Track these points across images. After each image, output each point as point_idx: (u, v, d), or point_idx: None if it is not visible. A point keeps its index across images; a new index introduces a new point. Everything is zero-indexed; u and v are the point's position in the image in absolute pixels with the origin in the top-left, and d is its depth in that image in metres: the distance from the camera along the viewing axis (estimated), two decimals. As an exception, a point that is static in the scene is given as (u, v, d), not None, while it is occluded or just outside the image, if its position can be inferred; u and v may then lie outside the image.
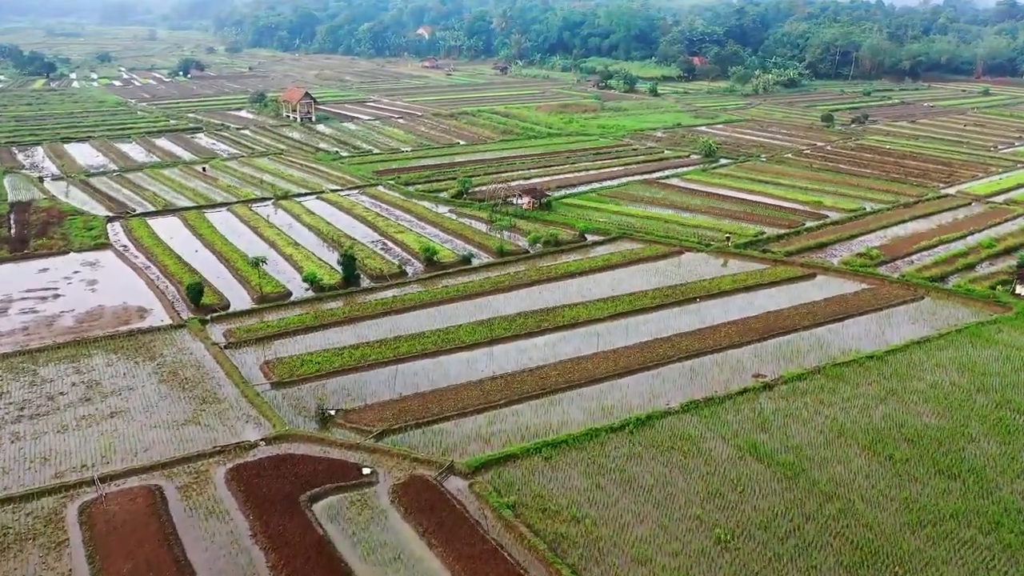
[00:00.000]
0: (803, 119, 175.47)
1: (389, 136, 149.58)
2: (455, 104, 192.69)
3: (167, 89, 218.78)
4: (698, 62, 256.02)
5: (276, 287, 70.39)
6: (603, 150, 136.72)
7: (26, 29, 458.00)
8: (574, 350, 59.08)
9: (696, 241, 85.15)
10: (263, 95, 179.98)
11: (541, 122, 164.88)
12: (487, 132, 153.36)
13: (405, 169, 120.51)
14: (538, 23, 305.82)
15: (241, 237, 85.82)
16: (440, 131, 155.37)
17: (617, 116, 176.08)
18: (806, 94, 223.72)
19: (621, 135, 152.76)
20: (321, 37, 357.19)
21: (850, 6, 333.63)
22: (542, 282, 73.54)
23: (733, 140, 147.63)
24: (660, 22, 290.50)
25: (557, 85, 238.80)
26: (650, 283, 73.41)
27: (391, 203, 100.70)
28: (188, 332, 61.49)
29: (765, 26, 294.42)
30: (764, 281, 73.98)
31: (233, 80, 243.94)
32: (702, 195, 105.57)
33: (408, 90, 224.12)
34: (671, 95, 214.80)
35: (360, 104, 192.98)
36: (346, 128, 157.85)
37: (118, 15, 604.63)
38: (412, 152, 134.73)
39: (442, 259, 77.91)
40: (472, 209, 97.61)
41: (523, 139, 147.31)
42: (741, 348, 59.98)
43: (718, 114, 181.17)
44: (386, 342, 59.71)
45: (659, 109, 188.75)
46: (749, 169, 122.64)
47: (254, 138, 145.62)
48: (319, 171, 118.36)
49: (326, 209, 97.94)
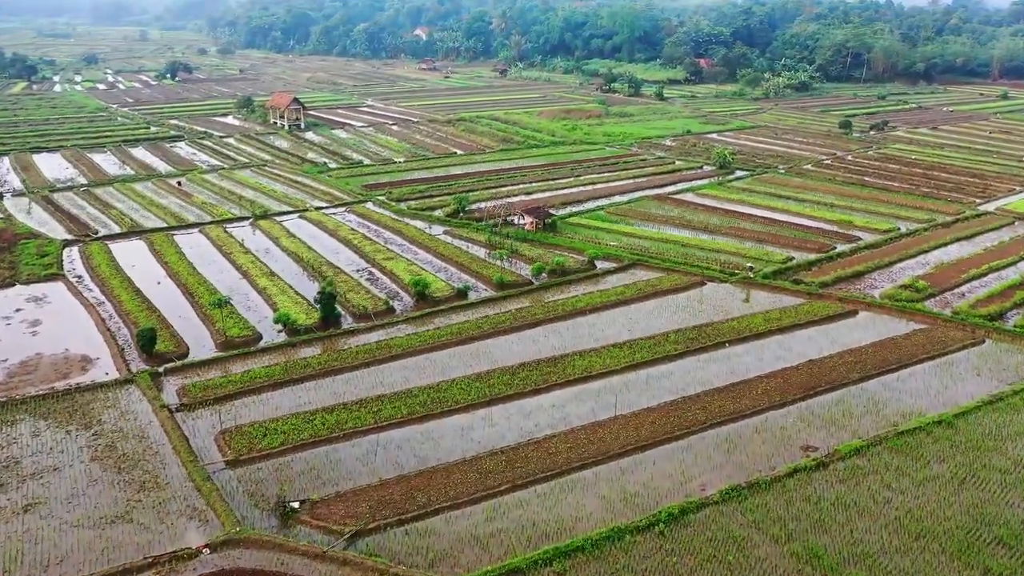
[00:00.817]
0: (819, 125, 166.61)
1: (382, 145, 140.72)
2: (452, 109, 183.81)
3: (152, 93, 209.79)
4: (705, 64, 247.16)
5: (244, 329, 61.49)
6: (610, 161, 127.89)
7: (17, 30, 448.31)
8: (587, 413, 50.20)
9: (718, 269, 76.29)
10: (250, 100, 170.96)
11: (543, 129, 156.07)
12: (486, 140, 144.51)
13: (397, 183, 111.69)
14: (538, 24, 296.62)
15: (211, 265, 76.93)
16: (436, 139, 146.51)
17: (623, 122, 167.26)
18: (818, 98, 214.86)
19: (628, 144, 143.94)
20: (315, 38, 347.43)
21: (859, 6, 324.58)
22: (548, 322, 64.64)
23: (747, 149, 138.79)
24: (664, 23, 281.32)
25: (559, 88, 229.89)
26: (670, 322, 64.58)
27: (380, 223, 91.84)
28: (136, 389, 52.60)
29: (772, 27, 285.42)
30: (800, 320, 65.12)
31: (222, 83, 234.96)
32: (720, 213, 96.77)
33: (404, 94, 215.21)
34: (678, 99, 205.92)
35: (353, 109, 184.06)
36: (336, 136, 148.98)
37: (111, 15, 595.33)
38: (405, 163, 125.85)
39: (435, 293, 69.06)
40: (469, 230, 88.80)
41: (524, 148, 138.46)
42: (783, 409, 51.10)
43: (728, 120, 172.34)
44: (367, 403, 50.83)
45: (666, 114, 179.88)
46: (768, 182, 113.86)
47: (237, 148, 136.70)
48: (304, 185, 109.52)
49: (309, 230, 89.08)
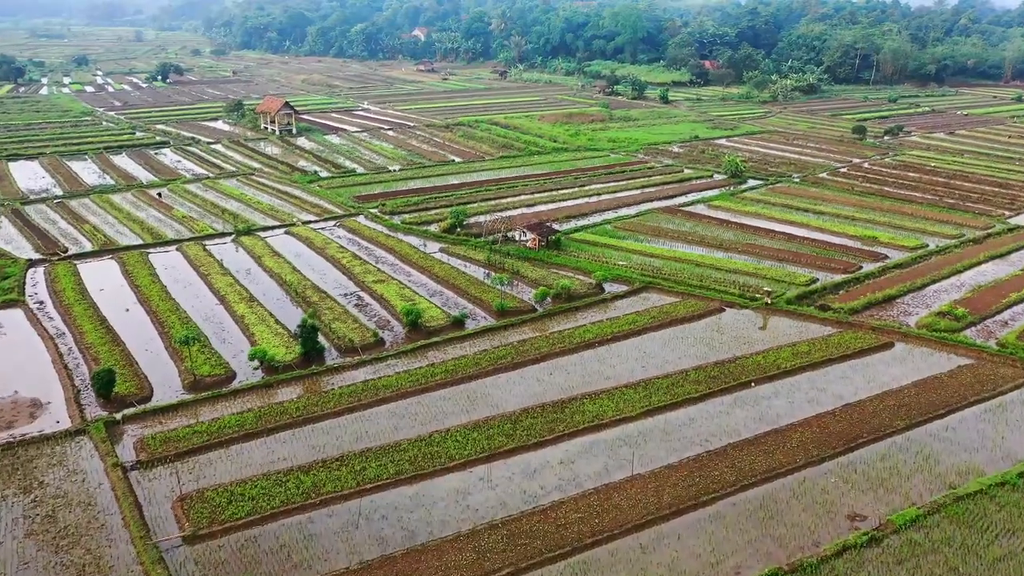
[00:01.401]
0: (831, 130, 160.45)
1: (376, 151, 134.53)
2: (450, 113, 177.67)
3: (141, 96, 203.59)
4: (710, 66, 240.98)
5: (216, 366, 55.33)
6: (615, 169, 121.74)
7: (9, 30, 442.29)
8: (600, 472, 44.10)
9: (737, 293, 70.21)
10: (241, 104, 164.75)
11: (544, 134, 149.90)
12: (485, 147, 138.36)
13: (391, 194, 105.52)
14: (539, 24, 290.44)
15: (186, 289, 70.82)
16: (433, 145, 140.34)
17: (627, 127, 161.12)
18: (827, 101, 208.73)
19: (634, 150, 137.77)
20: (312, 39, 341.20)
21: (866, 6, 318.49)
22: (553, 356, 58.50)
23: (758, 156, 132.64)
24: (668, 23, 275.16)
25: (560, 91, 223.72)
26: (689, 357, 58.45)
27: (372, 239, 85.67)
28: (89, 441, 46.52)
29: (778, 27, 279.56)
30: (832, 354, 58.94)
31: (214, 86, 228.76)
32: (735, 228, 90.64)
33: (400, 97, 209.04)
34: (683, 102, 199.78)
35: (347, 113, 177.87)
36: (329, 142, 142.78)
37: (107, 15, 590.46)
38: (400, 172, 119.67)
39: (428, 322, 62.90)
40: (467, 248, 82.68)
41: (525, 155, 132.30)
42: (822, 465, 45.04)
43: (737, 124, 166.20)
44: (349, 460, 44.72)
45: (672, 119, 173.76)
46: (783, 193, 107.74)
47: (225, 155, 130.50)
48: (292, 197, 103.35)
49: (295, 248, 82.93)
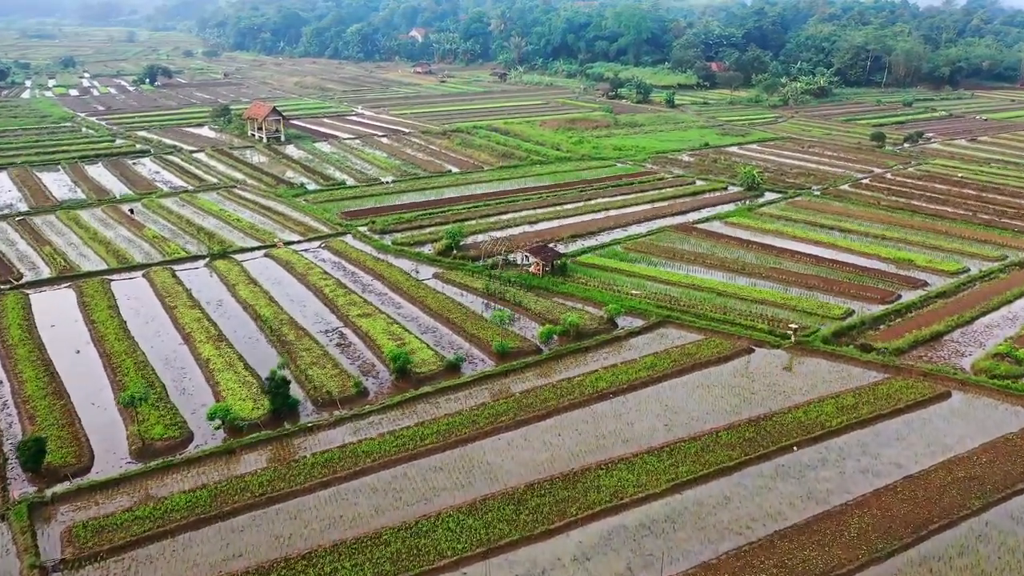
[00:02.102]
0: (847, 137, 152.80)
1: (369, 161, 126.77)
2: (448, 118, 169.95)
3: (126, 100, 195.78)
4: (716, 68, 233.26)
5: (171, 426, 47.63)
6: (623, 181, 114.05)
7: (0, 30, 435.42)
8: (622, 573, 36.44)
9: (766, 329, 62.56)
10: (227, 110, 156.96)
11: (546, 141, 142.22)
12: (484, 156, 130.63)
13: (383, 209, 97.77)
14: (539, 25, 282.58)
15: (148, 325, 63.15)
16: (429, 154, 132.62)
17: (633, 133, 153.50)
18: (839, 105, 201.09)
19: (641, 159, 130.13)
20: (306, 40, 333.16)
21: (874, 6, 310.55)
22: (562, 410, 50.77)
23: (774, 165, 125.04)
24: (672, 24, 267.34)
25: (562, 94, 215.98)
26: (718, 411, 50.77)
27: (359, 263, 77.96)
28: (8, 531, 38.83)
29: (785, 28, 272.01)
30: (881, 407, 51.18)
31: (204, 89, 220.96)
32: (756, 248, 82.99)
33: (396, 100, 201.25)
34: (690, 106, 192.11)
35: (340, 119, 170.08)
36: (319, 150, 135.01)
37: (101, 15, 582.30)
38: (393, 184, 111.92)
39: (419, 368, 55.22)
40: (464, 273, 75.02)
41: (526, 165, 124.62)
42: (889, 562, 37.41)
43: (748, 130, 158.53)
44: (318, 558, 36.92)
45: (680, 124, 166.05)
46: (804, 208, 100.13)
47: (207, 165, 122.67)
48: (275, 213, 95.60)
49: (274, 273, 75.25)
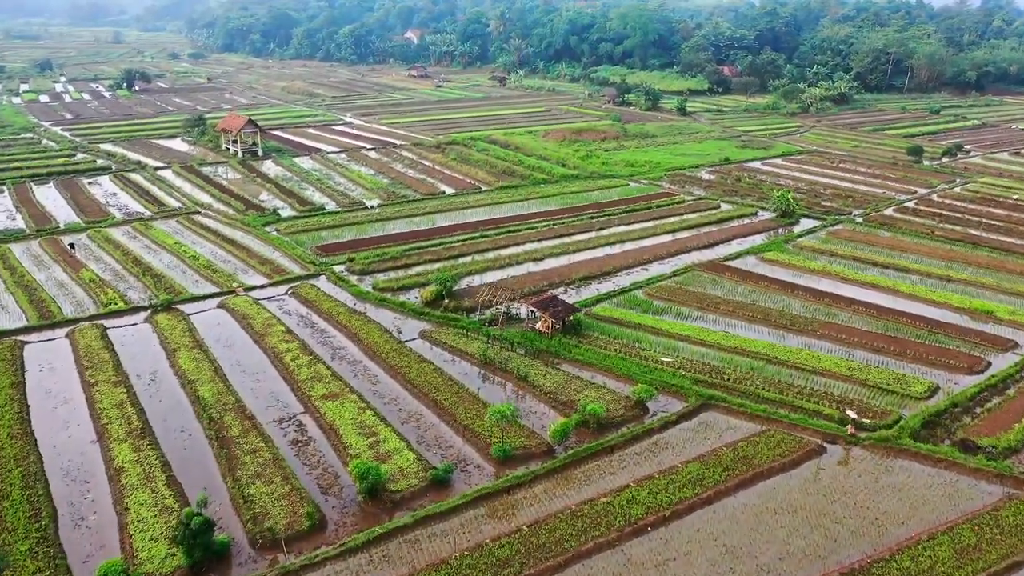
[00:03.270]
0: (879, 150, 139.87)
1: (353, 180, 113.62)
2: (443, 127, 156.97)
3: (98, 107, 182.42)
4: (729, 72, 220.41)
5: (48, 589, 34.72)
6: (639, 204, 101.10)
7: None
8: None
9: (836, 415, 49.63)
10: (202, 120, 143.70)
11: (550, 156, 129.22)
12: (481, 173, 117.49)
13: (365, 242, 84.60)
14: (541, 26, 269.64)
15: (57, 410, 50.08)
16: (421, 171, 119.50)
17: (645, 146, 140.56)
18: (861, 112, 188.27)
19: (656, 176, 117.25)
20: (297, 41, 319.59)
21: (889, 6, 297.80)
22: (584, 555, 37.74)
23: (804, 185, 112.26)
24: (680, 25, 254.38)
25: (565, 100, 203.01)
26: (795, 557, 37.73)
27: (331, 317, 64.92)
28: None
29: (797, 29, 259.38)
30: (1014, 549, 38.22)
31: (184, 95, 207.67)
32: (803, 294, 70.09)
33: (388, 108, 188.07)
34: (703, 114, 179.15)
35: (326, 128, 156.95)
36: (299, 166, 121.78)
37: (90, 16, 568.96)
38: (379, 209, 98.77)
39: (395, 485, 42.23)
40: (456, 333, 62.03)
41: (529, 185, 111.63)
42: None
43: (769, 142, 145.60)
44: None
45: (694, 135, 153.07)
46: (848, 239, 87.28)
47: (171, 185, 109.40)
48: (239, 248, 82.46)
49: (227, 331, 62.26)
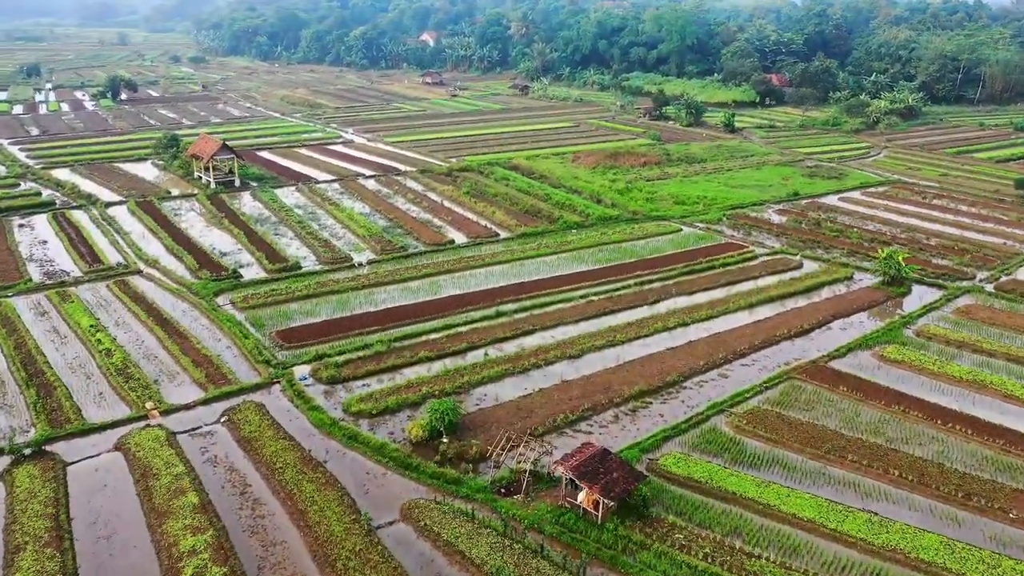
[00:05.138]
0: (974, 179, 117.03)
1: (343, 221, 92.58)
2: (456, 147, 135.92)
3: (72, 121, 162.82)
4: (777, 81, 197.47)
5: None
6: (698, 261, 79.23)
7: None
8: None
9: None
10: (175, 141, 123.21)
11: (583, 188, 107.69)
12: (500, 214, 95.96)
13: (343, 324, 63.46)
14: (567, 29, 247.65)
15: None
16: (426, 209, 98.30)
17: (693, 174, 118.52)
18: (933, 128, 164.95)
19: (714, 218, 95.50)
20: (305, 44, 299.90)
21: (945, 7, 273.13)
22: None
23: (899, 230, 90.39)
24: (720, 28, 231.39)
25: (594, 111, 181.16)
26: None
27: (272, 474, 43.76)
28: None
29: (848, 32, 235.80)
30: None
31: (172, 105, 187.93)
32: (961, 430, 48.48)
33: (396, 122, 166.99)
34: (754, 131, 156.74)
35: (322, 149, 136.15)
36: (281, 201, 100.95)
37: (98, 16, 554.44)
38: (369, 268, 77.69)
39: None
40: (456, 514, 40.72)
41: (558, 231, 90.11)
42: None
43: (841, 169, 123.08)
44: None
45: (748, 158, 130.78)
46: (988, 322, 65.23)
47: (120, 228, 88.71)
48: (175, 334, 61.44)
49: (107, 504, 41.41)
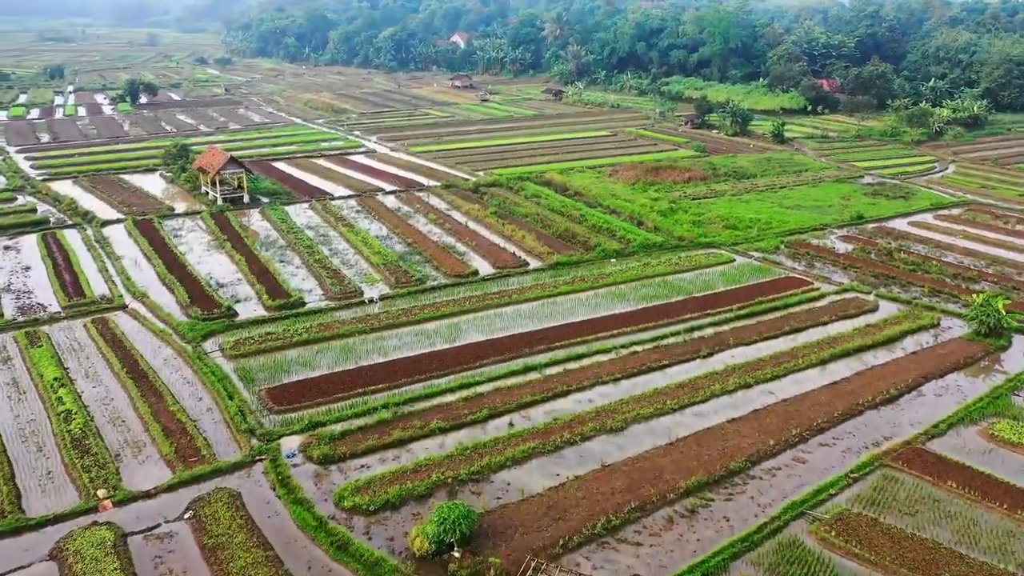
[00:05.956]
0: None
1: (357, 246, 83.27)
2: (484, 158, 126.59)
3: (87, 126, 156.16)
4: (828, 87, 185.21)
5: None
6: (756, 299, 68.62)
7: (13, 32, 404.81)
8: None
9: None
10: (185, 151, 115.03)
11: (621, 208, 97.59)
12: (531, 239, 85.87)
13: (344, 379, 53.88)
14: (603, 30, 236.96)
15: None
16: (448, 231, 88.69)
17: (743, 191, 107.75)
18: (1002, 140, 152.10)
19: (771, 245, 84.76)
20: (334, 45, 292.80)
21: (1004, 7, 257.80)
22: None
23: (985, 262, 79.02)
24: (766, 30, 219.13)
25: (633, 119, 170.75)
26: None
27: (238, 600, 34.53)
28: None
29: (902, 34, 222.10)
30: None
31: (192, 110, 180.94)
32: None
33: (421, 129, 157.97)
34: (805, 142, 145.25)
35: (341, 159, 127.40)
36: (292, 221, 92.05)
37: (133, 16, 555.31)
38: (380, 306, 68.22)
39: None
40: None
41: (595, 261, 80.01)
42: None
43: (906, 186, 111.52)
44: None
45: (802, 173, 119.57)
46: (1119, 389, 53.89)
47: (113, 252, 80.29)
48: (150, 392, 52.27)
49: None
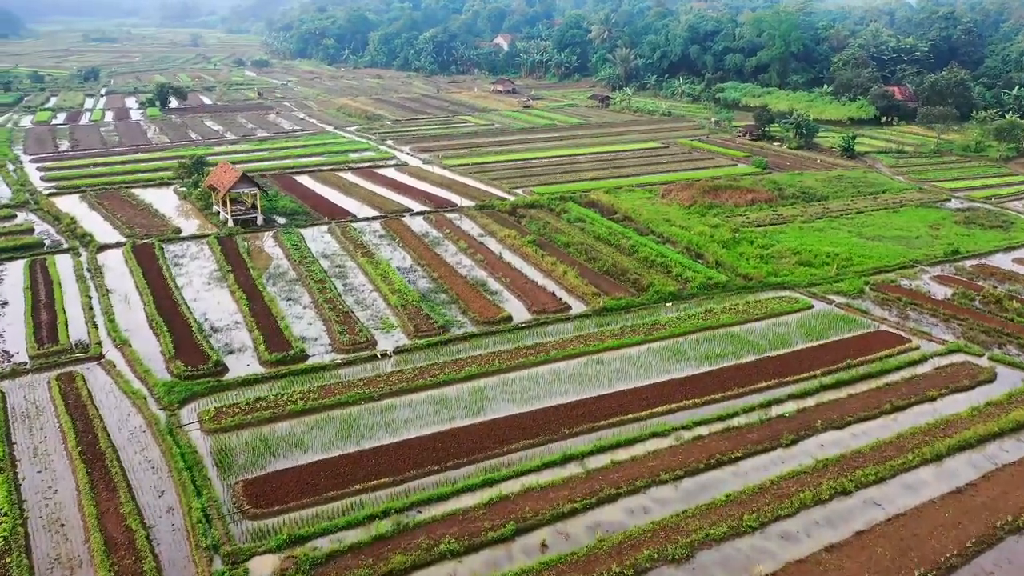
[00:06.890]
0: None
1: (375, 282, 73.31)
2: (524, 173, 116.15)
3: (110, 133, 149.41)
4: (899, 95, 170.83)
5: None
6: (843, 362, 56.85)
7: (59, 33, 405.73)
8: None
9: None
10: (201, 165, 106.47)
11: (677, 235, 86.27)
12: (572, 276, 74.78)
13: (339, 471, 43.85)
14: (653, 33, 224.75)
15: None
16: (480, 265, 78.25)
17: (815, 218, 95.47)
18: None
19: (854, 288, 72.67)
20: (373, 47, 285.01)
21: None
22: None
23: (1123, 319, 65.77)
24: (829, 33, 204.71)
25: (686, 129, 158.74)
26: None
27: None
28: None
29: (979, 37, 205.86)
30: None
31: (222, 115, 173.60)
32: None
33: (459, 139, 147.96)
34: (878, 157, 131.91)
35: (369, 174, 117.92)
36: (306, 248, 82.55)
37: (180, 16, 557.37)
38: (395, 359, 58.15)
39: None
40: None
41: (648, 307, 68.84)
42: None
43: (1006, 214, 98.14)
44: None
45: (879, 195, 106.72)
46: None
47: (102, 285, 71.67)
48: (100, 483, 42.77)
49: None
